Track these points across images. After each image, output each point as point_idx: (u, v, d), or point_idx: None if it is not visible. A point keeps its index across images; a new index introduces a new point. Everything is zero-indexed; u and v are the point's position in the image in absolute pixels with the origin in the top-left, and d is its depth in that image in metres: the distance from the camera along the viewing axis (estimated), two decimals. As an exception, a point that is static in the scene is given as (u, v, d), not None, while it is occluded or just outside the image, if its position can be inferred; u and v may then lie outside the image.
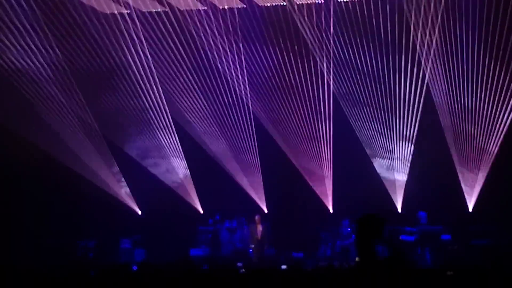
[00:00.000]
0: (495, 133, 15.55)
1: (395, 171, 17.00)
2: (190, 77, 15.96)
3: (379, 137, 16.63)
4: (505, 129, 15.44)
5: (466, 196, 16.58)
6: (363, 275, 4.73)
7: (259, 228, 16.46)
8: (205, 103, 16.58)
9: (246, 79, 15.93)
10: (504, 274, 6.67)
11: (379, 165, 17.19)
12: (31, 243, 16.14)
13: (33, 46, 14.69)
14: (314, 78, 15.63)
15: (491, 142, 15.73)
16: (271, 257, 16.61)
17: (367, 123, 16.46)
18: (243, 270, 11.38)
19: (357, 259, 13.84)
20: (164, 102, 16.32)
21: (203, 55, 15.52)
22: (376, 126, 16.41)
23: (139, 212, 18.50)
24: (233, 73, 15.71)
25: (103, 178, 17.81)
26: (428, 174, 16.48)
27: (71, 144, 16.89)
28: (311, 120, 16.55)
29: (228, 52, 15.33)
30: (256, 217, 16.62)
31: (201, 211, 18.48)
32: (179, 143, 17.40)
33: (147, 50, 15.20)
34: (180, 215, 17.88)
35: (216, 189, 18.04)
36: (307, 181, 17.71)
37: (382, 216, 4.87)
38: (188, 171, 18.08)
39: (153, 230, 17.58)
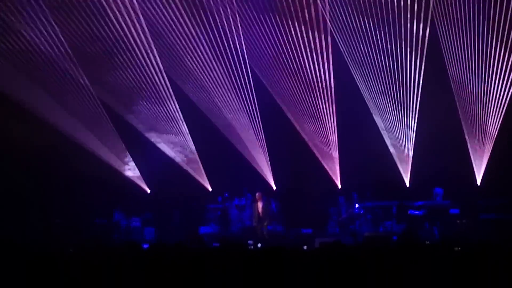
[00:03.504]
0: (502, 106, 15.44)
1: (403, 145, 16.98)
2: (196, 54, 15.83)
3: (385, 112, 16.58)
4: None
5: (475, 170, 16.57)
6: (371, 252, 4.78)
7: (260, 205, 16.31)
8: (211, 80, 16.49)
9: (251, 52, 15.81)
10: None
11: (387, 139, 17.15)
12: (42, 223, 16.25)
13: (32, 22, 14.53)
14: (319, 50, 15.44)
15: (498, 114, 15.63)
16: (279, 233, 16.70)
17: (374, 97, 16.37)
18: (252, 247, 11.48)
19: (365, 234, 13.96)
20: (166, 78, 16.22)
21: (209, 27, 15.24)
22: (383, 100, 16.31)
23: (148, 191, 18.61)
24: (238, 46, 15.54)
25: (111, 158, 17.90)
26: (436, 148, 16.44)
27: (79, 124, 16.92)
28: (317, 95, 16.45)
29: (234, 22, 15.08)
30: (257, 194, 16.46)
31: (210, 189, 18.58)
32: (185, 122, 17.41)
33: (144, 19, 14.90)
34: (189, 193, 17.98)
35: (225, 167, 18.11)
36: (315, 157, 17.74)
37: None
38: (195, 150, 18.12)
39: (162, 209, 17.70)
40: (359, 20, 14.56)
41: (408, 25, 14.23)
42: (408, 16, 14.05)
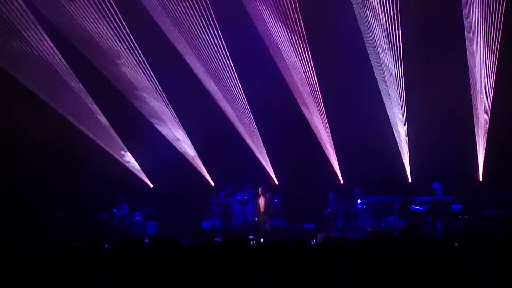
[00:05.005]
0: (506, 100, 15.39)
1: (405, 140, 16.95)
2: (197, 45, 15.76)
3: (387, 107, 16.57)
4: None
5: (477, 165, 16.53)
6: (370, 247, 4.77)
7: (262, 199, 16.14)
8: (213, 75, 16.43)
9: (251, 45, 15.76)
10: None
11: (391, 134, 17.12)
12: (46, 217, 16.24)
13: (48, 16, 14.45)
14: (299, 45, 15.38)
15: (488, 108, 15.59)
16: (281, 228, 16.69)
17: (376, 93, 16.36)
18: (254, 242, 11.47)
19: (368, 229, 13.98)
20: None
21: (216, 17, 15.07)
22: (386, 95, 16.30)
23: (151, 185, 18.61)
24: (240, 36, 15.45)
25: (114, 152, 17.89)
26: (438, 144, 16.40)
27: (80, 118, 16.90)
28: (317, 87, 16.39)
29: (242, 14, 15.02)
30: (259, 189, 16.33)
31: (213, 184, 18.59)
32: (188, 116, 17.40)
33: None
34: (192, 187, 17.98)
35: (227, 162, 18.11)
36: (318, 152, 17.72)
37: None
38: (198, 144, 18.13)
39: (165, 203, 17.71)
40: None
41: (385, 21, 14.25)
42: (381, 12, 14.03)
